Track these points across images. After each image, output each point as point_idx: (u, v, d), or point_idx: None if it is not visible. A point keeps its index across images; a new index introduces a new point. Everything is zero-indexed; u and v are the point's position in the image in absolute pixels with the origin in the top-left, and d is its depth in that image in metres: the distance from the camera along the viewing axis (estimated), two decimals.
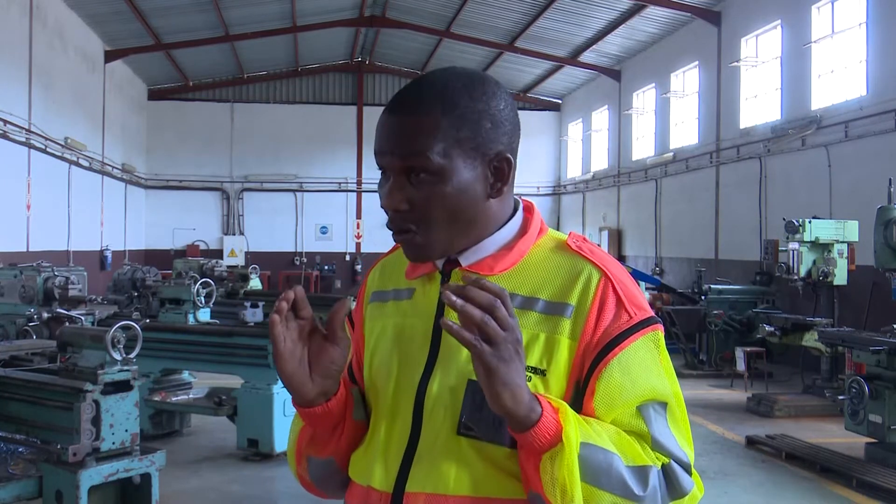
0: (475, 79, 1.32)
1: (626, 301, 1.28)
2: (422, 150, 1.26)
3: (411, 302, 1.39)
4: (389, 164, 1.30)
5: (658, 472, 1.22)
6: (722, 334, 11.46)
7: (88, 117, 18.07)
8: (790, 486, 6.47)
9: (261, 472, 6.61)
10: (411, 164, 1.27)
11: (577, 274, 1.30)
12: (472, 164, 1.29)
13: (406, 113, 1.29)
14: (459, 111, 1.28)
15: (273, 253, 23.99)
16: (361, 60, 24.91)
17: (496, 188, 1.32)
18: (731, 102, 15.15)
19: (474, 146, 1.28)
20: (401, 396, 1.34)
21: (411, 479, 1.28)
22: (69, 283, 8.01)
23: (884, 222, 7.41)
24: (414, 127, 1.27)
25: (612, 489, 1.17)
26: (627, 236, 20.37)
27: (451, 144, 1.27)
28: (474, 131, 1.28)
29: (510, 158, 1.32)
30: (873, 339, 7.04)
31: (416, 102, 1.29)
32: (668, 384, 1.29)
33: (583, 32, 18.79)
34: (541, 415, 1.15)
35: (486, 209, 1.32)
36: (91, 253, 17.70)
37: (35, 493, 4.51)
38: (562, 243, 1.36)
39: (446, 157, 1.26)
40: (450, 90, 1.29)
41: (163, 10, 17.57)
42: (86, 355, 4.58)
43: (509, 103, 1.33)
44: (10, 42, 13.70)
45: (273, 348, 1.30)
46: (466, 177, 1.28)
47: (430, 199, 1.28)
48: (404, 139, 1.27)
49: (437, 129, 1.26)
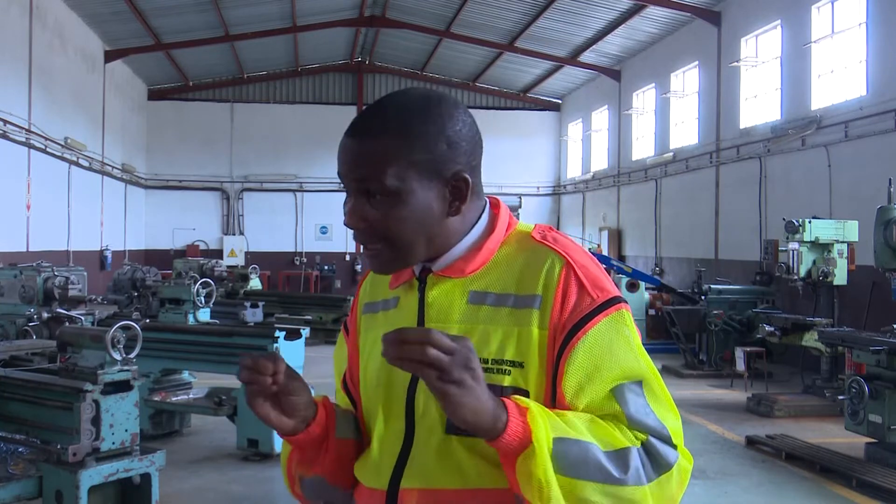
0: (431, 101, 1.36)
1: (589, 284, 1.31)
2: (376, 174, 1.31)
3: (397, 310, 1.44)
4: (349, 185, 1.35)
5: (638, 452, 1.23)
6: (722, 334, 11.45)
7: (88, 117, 18.08)
8: (790, 486, 6.47)
9: (261, 472, 6.61)
10: (368, 187, 1.32)
11: (541, 264, 1.33)
12: (428, 184, 1.32)
13: (361, 137, 1.33)
14: (413, 134, 1.31)
15: (273, 253, 23.99)
16: (361, 60, 24.91)
17: (454, 207, 1.35)
18: (731, 102, 15.15)
19: (430, 168, 1.32)
20: (393, 399, 1.38)
21: (406, 476, 1.34)
22: (69, 283, 8.01)
23: (884, 222, 7.41)
24: (369, 151, 1.32)
25: (593, 477, 1.19)
26: (627, 236, 20.37)
27: (406, 167, 1.31)
28: (430, 153, 1.32)
29: (467, 178, 1.35)
30: (873, 339, 7.03)
31: (371, 127, 1.33)
32: (639, 360, 1.31)
33: (583, 32, 18.79)
34: (507, 422, 1.17)
35: (444, 226, 1.36)
36: (91, 253, 17.70)
37: (35, 493, 4.51)
38: (527, 235, 1.39)
39: (401, 180, 1.31)
40: (404, 114, 1.33)
41: (163, 10, 17.57)
42: (86, 355, 4.58)
43: (467, 122, 1.37)
44: (10, 42, 13.70)
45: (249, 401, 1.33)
46: (423, 197, 1.32)
47: (387, 220, 1.33)
48: (360, 163, 1.32)
49: (390, 152, 1.31)
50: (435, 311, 1.37)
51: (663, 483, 1.25)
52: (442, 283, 1.38)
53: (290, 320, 12.12)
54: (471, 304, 1.35)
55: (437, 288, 1.38)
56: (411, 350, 1.13)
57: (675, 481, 1.27)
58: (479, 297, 1.35)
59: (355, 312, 1.57)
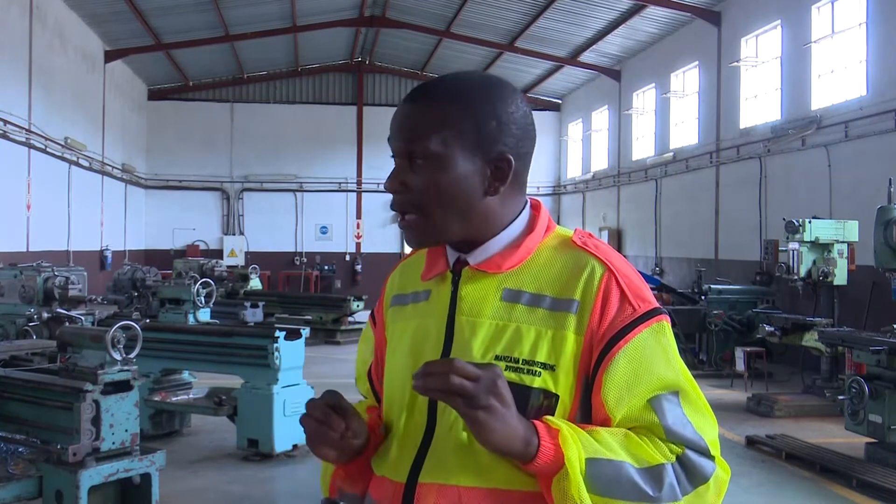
0: (490, 81, 1.39)
1: (630, 294, 1.30)
2: (421, 137, 1.32)
3: (427, 303, 1.43)
4: (395, 148, 1.37)
5: (673, 468, 1.24)
6: (722, 334, 11.45)
7: (88, 117, 18.08)
8: (790, 486, 6.47)
9: (261, 472, 6.61)
10: (412, 149, 1.33)
11: (581, 269, 1.32)
12: (470, 158, 1.33)
13: (415, 101, 1.36)
14: (466, 106, 1.33)
15: (273, 253, 23.99)
16: (361, 60, 24.91)
17: (494, 187, 1.35)
18: (731, 102, 15.15)
19: (475, 142, 1.33)
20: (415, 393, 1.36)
21: (425, 470, 1.33)
22: (69, 283, 8.01)
23: (884, 222, 7.41)
24: (419, 114, 1.34)
25: (627, 496, 1.20)
26: (627, 236, 20.38)
27: (452, 135, 1.32)
28: (477, 127, 1.33)
29: (510, 160, 1.35)
30: (873, 339, 7.04)
31: (426, 93, 1.36)
32: (678, 372, 1.30)
33: (583, 32, 18.79)
34: (538, 446, 1.19)
35: (482, 206, 1.35)
36: (91, 253, 17.70)
37: (35, 493, 4.51)
38: (567, 240, 1.39)
39: (445, 146, 1.32)
40: (461, 86, 1.36)
41: (163, 10, 17.57)
42: (86, 355, 4.58)
43: (522, 110, 1.38)
44: (10, 42, 13.70)
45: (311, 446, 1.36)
46: (463, 169, 1.32)
47: (425, 185, 1.33)
48: (409, 125, 1.34)
49: (440, 118, 1.32)
50: (467, 305, 1.36)
51: (700, 494, 1.26)
52: (477, 278, 1.37)
53: (290, 320, 12.14)
54: (504, 301, 1.34)
55: (471, 282, 1.37)
56: (435, 381, 1.15)
57: (712, 493, 1.28)
58: (513, 295, 1.34)
59: (382, 304, 1.55)
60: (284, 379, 6.84)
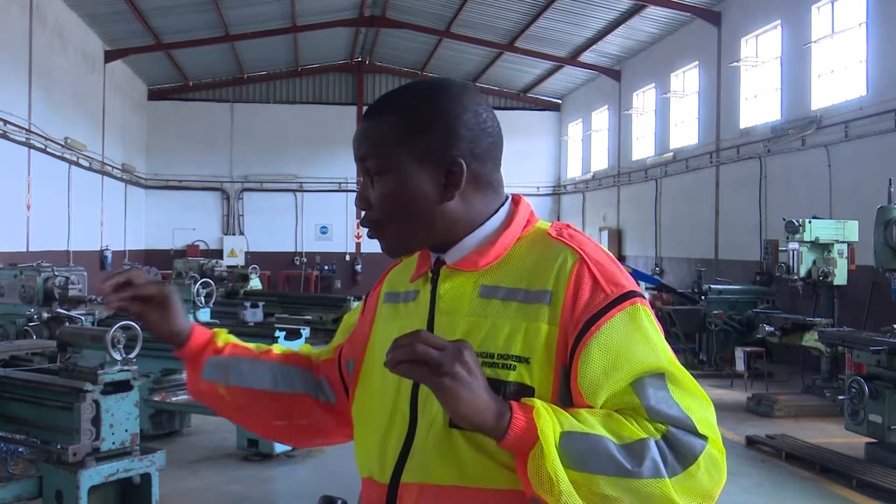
0: (434, 87, 1.39)
1: (602, 280, 1.29)
2: (372, 153, 1.36)
3: (415, 304, 1.44)
4: (357, 167, 1.42)
5: (657, 444, 1.19)
6: (722, 334, 11.45)
7: (88, 117, 18.07)
8: (790, 486, 6.47)
9: (261, 472, 6.61)
10: (366, 166, 1.38)
11: (553, 260, 1.32)
12: (420, 168, 1.35)
13: (367, 118, 1.40)
14: (409, 118, 1.35)
15: (273, 253, 23.98)
16: (361, 60, 24.90)
17: (450, 192, 1.35)
18: (731, 102, 15.15)
19: (422, 151, 1.34)
20: (398, 392, 1.37)
21: (407, 470, 1.33)
22: (69, 283, 8.01)
23: (884, 222, 7.41)
24: (368, 131, 1.38)
25: (605, 471, 1.17)
26: (627, 236, 20.37)
27: (399, 148, 1.34)
28: (425, 136, 1.34)
29: (461, 164, 1.34)
30: (873, 339, 7.04)
31: (376, 109, 1.39)
32: (659, 353, 1.27)
33: (583, 32, 18.79)
34: (510, 419, 1.18)
35: (442, 212, 1.36)
36: (91, 253, 17.70)
37: (35, 493, 4.51)
38: (543, 233, 1.38)
39: (393, 160, 1.35)
40: (405, 98, 1.38)
41: (163, 10, 17.56)
42: (86, 355, 4.58)
43: (472, 110, 1.37)
44: (10, 42, 13.70)
45: None
46: (414, 180, 1.35)
47: (382, 199, 1.37)
48: (362, 143, 1.39)
49: (385, 132, 1.36)
50: (445, 303, 1.36)
51: (691, 475, 1.19)
52: (455, 276, 1.38)
53: (290, 320, 12.09)
54: (481, 298, 1.34)
55: (449, 281, 1.38)
56: (401, 352, 1.16)
57: (703, 472, 1.21)
58: (489, 291, 1.34)
59: (377, 295, 1.56)
60: None
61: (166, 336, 1.58)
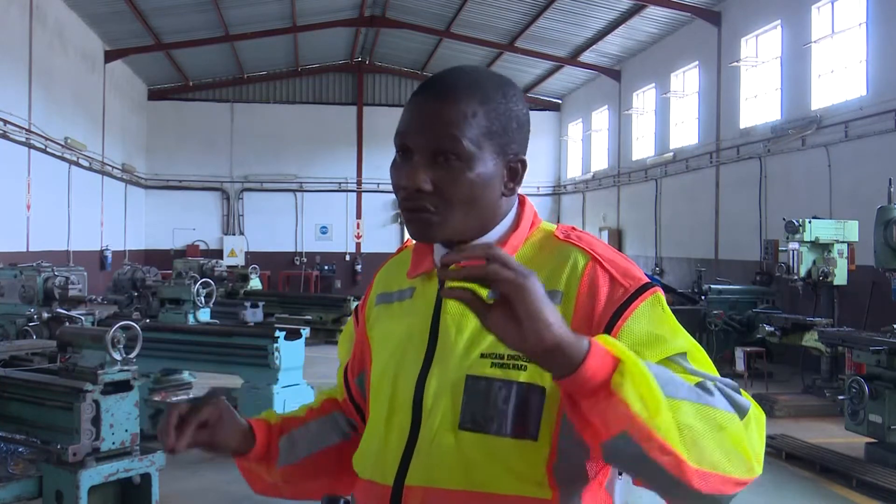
0: (505, 80, 1.39)
1: (619, 275, 1.28)
2: (457, 135, 1.28)
3: (412, 301, 1.41)
4: (417, 144, 1.30)
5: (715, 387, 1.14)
6: (722, 334, 11.45)
7: (88, 117, 18.08)
8: (790, 486, 6.47)
9: None
10: (443, 147, 1.29)
11: (564, 261, 1.31)
12: (494, 159, 1.32)
13: (443, 97, 1.31)
14: (494, 106, 1.32)
15: (273, 253, 23.99)
16: (361, 60, 24.91)
17: (509, 187, 1.36)
18: (731, 102, 15.15)
19: (500, 142, 1.33)
20: (400, 393, 1.35)
21: (411, 472, 1.30)
22: (69, 283, 8.01)
23: (884, 222, 7.41)
24: (451, 111, 1.29)
25: (686, 396, 1.09)
26: (627, 236, 20.37)
27: (483, 135, 1.31)
28: (503, 128, 1.33)
29: (525, 161, 1.37)
30: (873, 339, 7.03)
31: (454, 89, 1.32)
32: (680, 337, 1.26)
33: (583, 32, 18.79)
34: (590, 341, 1.07)
35: (498, 205, 1.36)
36: (91, 253, 17.70)
37: (35, 493, 4.51)
38: (550, 234, 1.38)
39: (478, 146, 1.30)
40: (485, 85, 1.34)
41: (163, 10, 17.57)
42: (86, 355, 4.58)
43: (526, 110, 1.40)
44: (10, 42, 13.70)
45: None
46: (490, 169, 1.32)
47: (456, 183, 1.29)
48: (439, 121, 1.29)
49: (473, 117, 1.30)
50: (453, 304, 1.33)
51: (748, 425, 1.14)
52: None
53: (290, 320, 12.11)
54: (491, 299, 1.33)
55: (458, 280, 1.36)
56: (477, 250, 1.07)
57: (755, 427, 1.16)
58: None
59: (366, 302, 1.55)
60: (284, 379, 6.84)
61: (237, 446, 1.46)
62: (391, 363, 1.38)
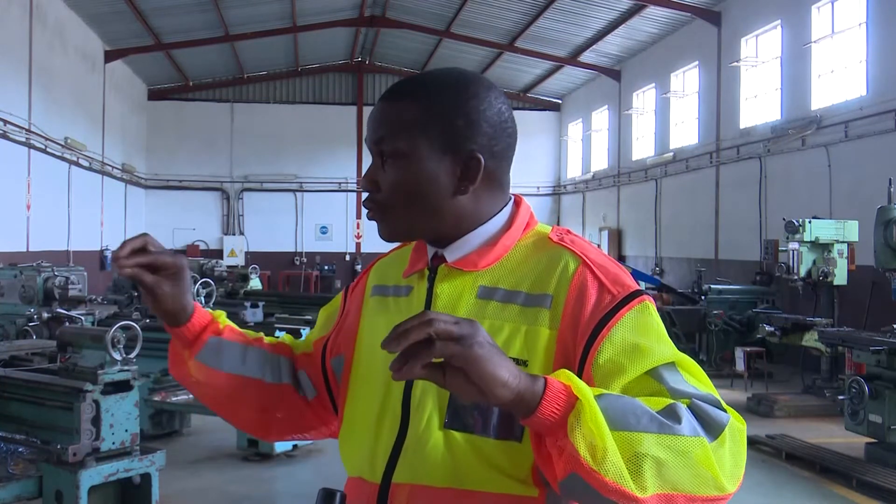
0: (462, 78, 1.37)
1: (608, 282, 1.28)
2: (389, 135, 1.33)
3: (408, 299, 1.42)
4: (367, 146, 1.38)
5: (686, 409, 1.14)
6: (722, 334, 11.45)
7: (88, 117, 18.08)
8: (790, 486, 6.47)
9: (261, 472, 6.61)
10: (381, 148, 1.34)
11: (555, 264, 1.31)
12: (439, 156, 1.32)
13: (385, 100, 1.37)
14: (434, 104, 1.33)
15: (273, 253, 23.99)
16: (361, 60, 24.91)
17: (464, 186, 1.34)
18: (731, 102, 15.15)
19: (443, 141, 1.32)
20: (390, 390, 1.35)
21: (398, 470, 1.30)
22: (69, 283, 8.00)
23: (884, 222, 7.41)
24: (388, 113, 1.35)
25: (647, 428, 1.09)
26: (627, 236, 20.37)
27: (418, 134, 1.32)
28: (445, 126, 1.32)
29: (480, 159, 1.33)
30: (873, 339, 7.04)
31: (397, 92, 1.36)
32: (669, 346, 1.26)
33: (583, 32, 18.79)
34: (545, 383, 1.08)
35: (453, 205, 1.34)
36: (91, 253, 17.70)
37: (35, 493, 4.51)
38: (544, 237, 1.38)
39: (411, 145, 1.32)
40: (431, 84, 1.35)
41: (163, 10, 17.57)
42: (86, 355, 4.58)
43: (496, 107, 1.35)
44: (10, 42, 13.70)
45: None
46: (430, 169, 1.32)
47: (393, 183, 1.33)
48: (378, 124, 1.36)
49: (407, 116, 1.32)
50: (442, 303, 1.34)
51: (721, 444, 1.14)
52: (453, 276, 1.36)
53: (290, 320, 12.09)
54: (479, 299, 1.32)
55: (447, 280, 1.36)
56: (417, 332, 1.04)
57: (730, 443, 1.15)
58: (487, 292, 1.32)
59: (363, 287, 1.54)
60: None
61: (171, 311, 1.46)
62: (381, 360, 1.37)
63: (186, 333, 1.50)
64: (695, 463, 1.10)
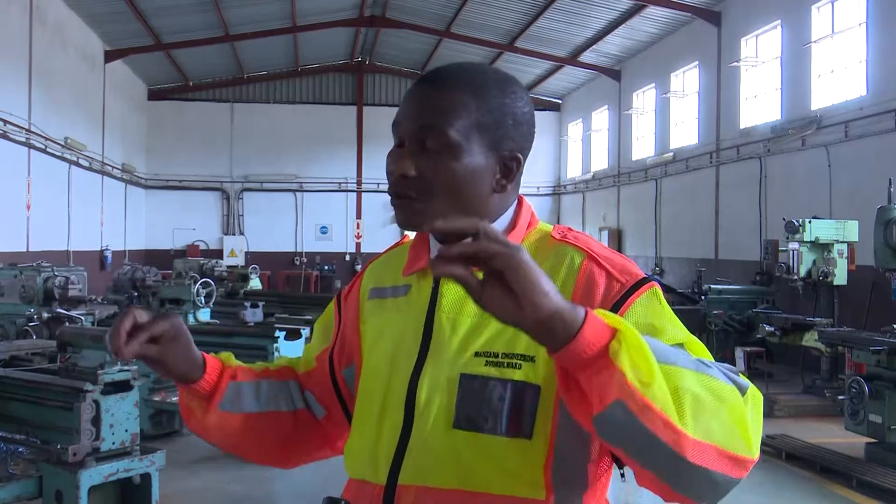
0: (507, 76, 1.39)
1: (615, 271, 1.28)
2: (443, 123, 1.29)
3: (406, 298, 1.41)
4: (407, 131, 1.33)
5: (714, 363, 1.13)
6: (722, 334, 11.45)
7: (88, 117, 18.08)
8: (790, 486, 6.47)
9: (261, 472, 6.60)
10: (428, 134, 1.30)
11: (561, 260, 1.31)
12: (486, 151, 1.32)
13: (437, 86, 1.33)
14: (488, 99, 1.33)
15: (273, 253, 23.99)
16: (361, 60, 24.91)
17: (501, 184, 1.35)
18: (731, 102, 15.15)
19: (492, 136, 1.33)
20: (392, 391, 1.34)
21: (403, 472, 1.29)
22: (69, 283, 8.01)
23: (884, 222, 7.42)
24: (441, 99, 1.31)
25: (687, 365, 1.06)
26: (627, 236, 20.37)
27: (472, 127, 1.31)
28: (496, 123, 1.33)
29: (520, 158, 1.36)
30: (873, 339, 7.04)
31: (448, 79, 1.34)
32: (678, 329, 1.25)
33: (583, 32, 18.79)
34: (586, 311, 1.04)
35: (486, 201, 1.35)
36: (91, 253, 17.70)
37: (35, 493, 4.50)
38: (547, 235, 1.38)
39: (465, 137, 1.30)
40: (483, 78, 1.35)
41: (163, 10, 17.57)
42: (86, 355, 4.58)
43: (531, 109, 1.39)
44: (10, 42, 13.70)
45: None
46: (477, 162, 1.31)
47: (439, 171, 1.30)
48: (429, 109, 1.31)
49: (463, 107, 1.31)
50: (448, 302, 1.33)
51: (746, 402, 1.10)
52: None
53: (290, 320, 12.10)
54: None
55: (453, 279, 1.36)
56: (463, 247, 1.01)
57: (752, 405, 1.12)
58: None
59: (358, 291, 1.52)
60: None
61: (185, 373, 1.40)
62: (384, 361, 1.37)
63: (205, 386, 1.45)
64: (728, 411, 1.06)
